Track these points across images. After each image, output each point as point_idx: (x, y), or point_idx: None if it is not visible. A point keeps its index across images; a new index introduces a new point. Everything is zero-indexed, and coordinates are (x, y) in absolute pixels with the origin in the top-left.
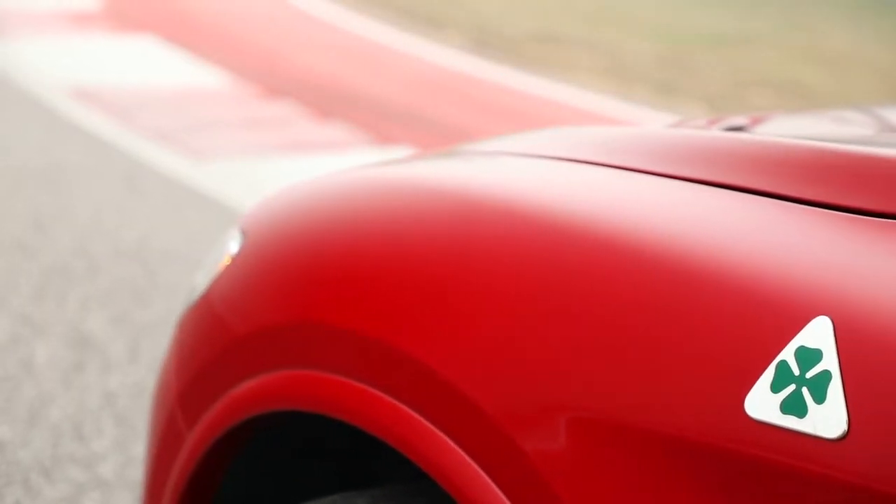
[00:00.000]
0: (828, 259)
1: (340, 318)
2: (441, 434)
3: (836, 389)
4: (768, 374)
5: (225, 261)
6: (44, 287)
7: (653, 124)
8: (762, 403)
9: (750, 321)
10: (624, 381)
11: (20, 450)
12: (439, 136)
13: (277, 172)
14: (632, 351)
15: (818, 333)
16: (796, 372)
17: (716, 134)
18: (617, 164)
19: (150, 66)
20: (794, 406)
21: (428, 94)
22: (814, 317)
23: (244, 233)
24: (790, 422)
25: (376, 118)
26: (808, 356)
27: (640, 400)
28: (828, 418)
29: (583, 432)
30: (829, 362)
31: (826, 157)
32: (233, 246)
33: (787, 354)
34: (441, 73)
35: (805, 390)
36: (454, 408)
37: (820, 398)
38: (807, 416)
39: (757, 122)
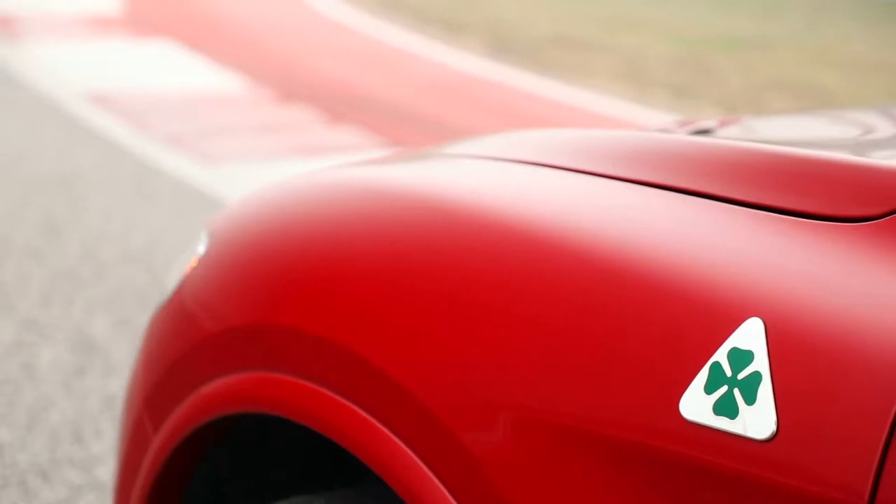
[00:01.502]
0: (763, 260)
1: (295, 319)
2: (393, 437)
3: (766, 391)
4: (702, 376)
5: (192, 262)
6: (51, 291)
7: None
8: (696, 405)
9: (686, 323)
10: (564, 382)
11: (18, 452)
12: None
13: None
14: (572, 352)
15: (750, 335)
16: (728, 373)
17: (664, 137)
18: (568, 166)
19: (167, 70)
20: (725, 407)
21: (443, 99)
22: (747, 318)
23: (210, 235)
24: (722, 423)
25: (390, 122)
26: (740, 358)
27: (580, 400)
28: (757, 419)
29: (525, 432)
30: (760, 364)
31: (762, 160)
32: (200, 248)
33: (721, 356)
34: (457, 77)
35: (736, 391)
36: (406, 411)
37: (750, 399)
38: (738, 418)
39: (725, 124)
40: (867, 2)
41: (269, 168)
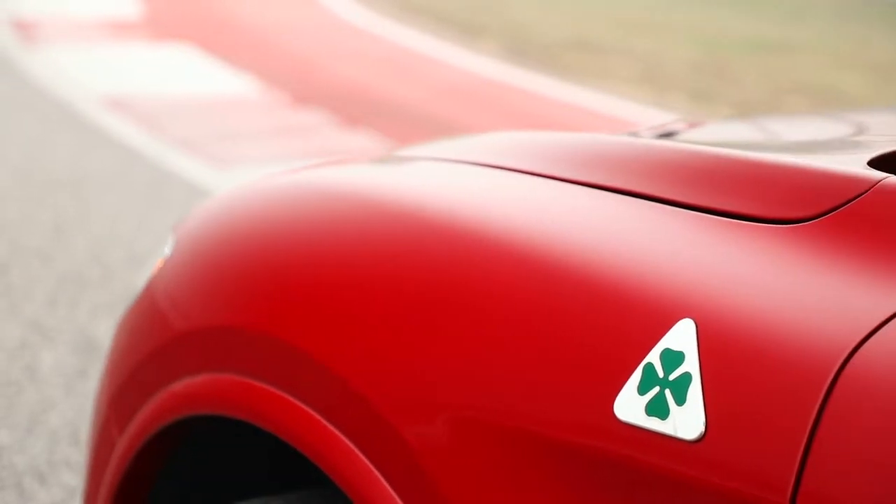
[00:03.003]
0: (699, 262)
1: (251, 321)
2: (344, 438)
3: (695, 391)
4: (636, 377)
5: (158, 264)
6: (57, 294)
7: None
8: (629, 405)
9: (622, 324)
10: (504, 381)
11: (17, 454)
12: None
13: None
14: (512, 351)
15: (682, 336)
16: (661, 374)
17: (616, 140)
18: (521, 168)
19: (183, 75)
20: (657, 408)
21: (459, 103)
22: (680, 319)
23: (176, 236)
24: (654, 423)
25: (404, 126)
26: (672, 358)
27: (519, 400)
28: (687, 420)
29: (467, 431)
30: (691, 364)
31: (703, 162)
32: (166, 249)
33: (654, 357)
34: (474, 81)
35: (668, 392)
36: (357, 412)
37: (681, 400)
38: (668, 418)
39: (694, 126)
40: (892, 5)
41: None
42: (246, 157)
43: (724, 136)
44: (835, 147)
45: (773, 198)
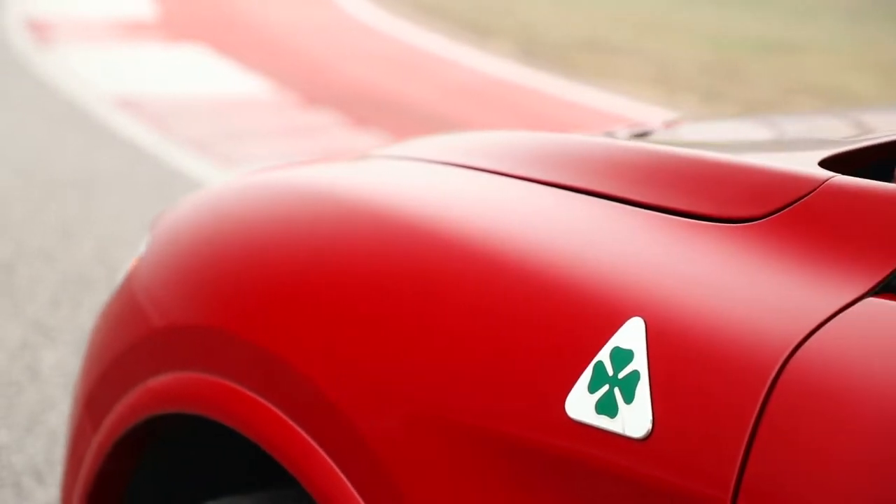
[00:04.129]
0: (650, 261)
1: (217, 320)
2: (309, 439)
3: (643, 390)
4: (587, 375)
5: (133, 262)
6: (60, 294)
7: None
8: (580, 404)
9: (575, 322)
10: (460, 381)
11: (15, 454)
12: None
13: None
14: (467, 350)
15: (631, 334)
16: (610, 372)
17: (579, 139)
18: (486, 167)
19: (195, 75)
20: (607, 406)
21: (470, 102)
22: (630, 318)
23: (151, 234)
24: (603, 422)
25: (414, 126)
26: (622, 357)
27: (474, 398)
28: (635, 418)
29: (424, 428)
30: (640, 363)
31: (660, 162)
32: (141, 247)
33: (604, 355)
34: (485, 81)
35: (617, 390)
36: (320, 411)
37: (629, 398)
38: (617, 416)
39: (670, 126)
40: None
41: None
42: (254, 157)
43: (694, 136)
44: (795, 147)
45: (725, 197)
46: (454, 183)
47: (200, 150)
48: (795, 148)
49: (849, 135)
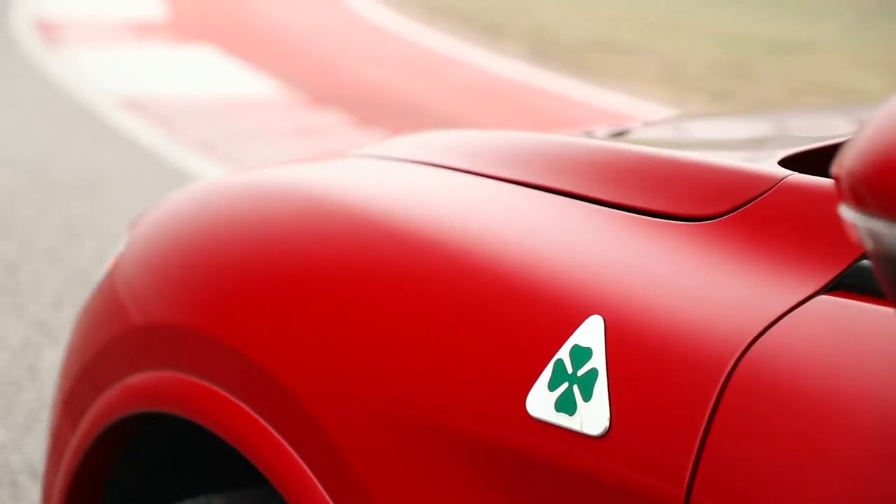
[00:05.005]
0: (612, 259)
1: (190, 320)
2: (281, 439)
3: (601, 387)
4: (547, 372)
5: (112, 262)
6: (63, 294)
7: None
8: (540, 402)
9: (537, 320)
10: (426, 379)
11: (13, 453)
12: None
13: None
14: (434, 349)
15: (591, 332)
16: (570, 370)
17: (551, 139)
18: (458, 167)
19: (203, 75)
20: (566, 404)
21: (479, 104)
22: (589, 316)
23: (129, 233)
24: (562, 419)
25: (420, 127)
26: (581, 355)
27: (440, 395)
28: (593, 416)
29: (390, 425)
30: (598, 360)
31: (625, 161)
32: (120, 247)
33: (564, 353)
34: (494, 82)
35: (576, 388)
36: (289, 410)
37: (587, 396)
38: (576, 414)
39: (650, 125)
40: None
41: None
42: (260, 157)
43: (669, 135)
44: (761, 145)
45: (685, 195)
46: (425, 183)
47: (206, 150)
48: (761, 146)
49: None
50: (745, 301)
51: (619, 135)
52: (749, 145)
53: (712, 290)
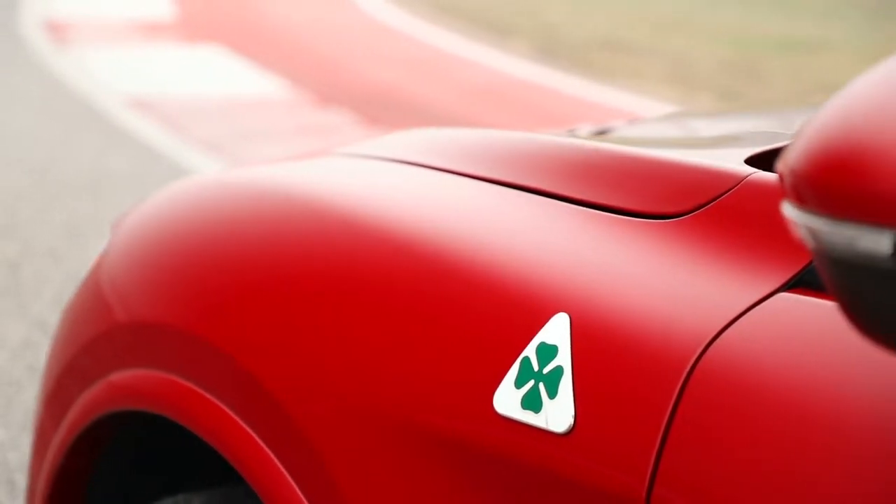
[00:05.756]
0: (579, 257)
1: (172, 318)
2: (257, 438)
3: (566, 385)
4: (514, 370)
5: (96, 260)
6: (64, 294)
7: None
8: (507, 399)
9: (504, 317)
10: (394, 376)
11: (10, 451)
12: None
13: None
14: (400, 346)
15: (557, 330)
16: (536, 368)
17: (525, 137)
18: (436, 165)
19: (210, 75)
20: (532, 401)
21: (485, 103)
22: (556, 313)
23: (112, 232)
24: (528, 417)
25: (426, 126)
26: (547, 352)
27: (409, 394)
28: (558, 413)
29: (361, 425)
30: (563, 358)
31: (597, 159)
32: (104, 245)
33: (531, 351)
34: (502, 81)
35: (542, 386)
36: (270, 413)
37: (553, 393)
38: (541, 411)
39: (633, 123)
40: None
41: None
42: (265, 156)
43: (650, 133)
44: (733, 143)
45: (653, 194)
46: (402, 182)
47: (212, 150)
48: (740, 144)
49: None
50: (707, 299)
51: (601, 133)
52: (728, 143)
53: (676, 287)
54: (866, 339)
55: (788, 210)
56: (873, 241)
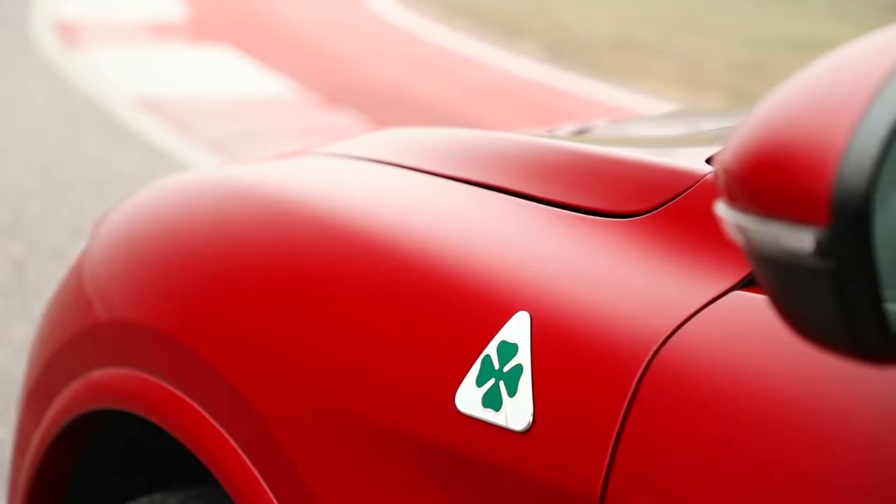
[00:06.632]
0: (542, 255)
1: (149, 317)
2: (228, 437)
3: (525, 383)
4: (475, 368)
5: (76, 258)
6: None
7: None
8: (468, 397)
9: (467, 316)
10: (359, 375)
11: (9, 450)
12: None
13: None
14: (365, 345)
15: (518, 328)
16: (496, 366)
17: (498, 136)
18: (409, 165)
19: (219, 76)
20: (492, 399)
21: (493, 103)
22: (517, 311)
23: (92, 231)
24: (488, 415)
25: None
26: (508, 350)
27: (374, 392)
28: (517, 411)
29: (328, 424)
30: (523, 356)
31: (562, 158)
32: (83, 244)
33: (492, 349)
34: (511, 82)
35: (502, 384)
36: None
37: (512, 391)
38: (501, 409)
39: (614, 123)
40: None
41: None
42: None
43: (627, 133)
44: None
45: (614, 192)
46: (373, 181)
47: (219, 150)
48: (706, 143)
49: None
50: (663, 297)
51: (579, 133)
52: (702, 141)
53: (634, 286)
54: (797, 336)
55: (721, 209)
56: (796, 239)
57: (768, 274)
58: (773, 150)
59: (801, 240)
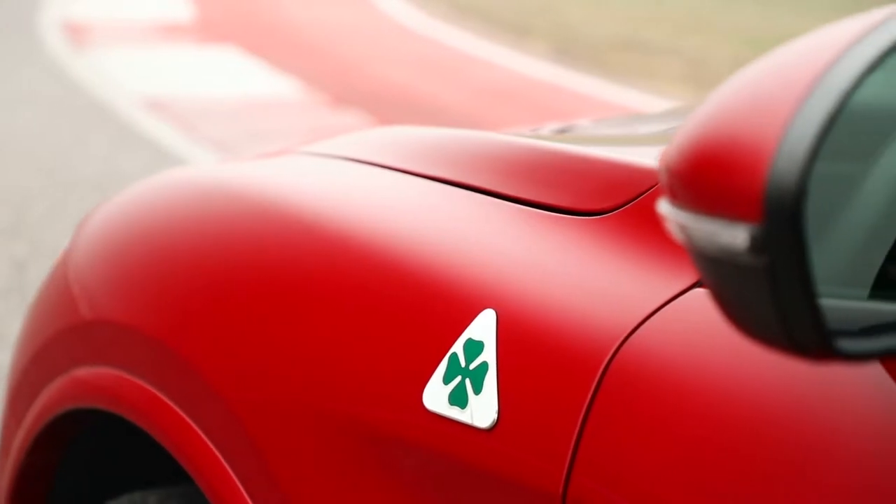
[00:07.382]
0: (509, 253)
1: (130, 317)
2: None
3: (491, 380)
4: (442, 366)
5: (60, 256)
6: None
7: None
8: (435, 395)
9: (434, 314)
10: (330, 373)
11: None
12: None
13: None
14: (337, 345)
15: (484, 326)
16: (463, 364)
17: (475, 135)
18: (387, 164)
19: (226, 76)
20: (458, 397)
21: (499, 103)
22: (484, 309)
23: (75, 230)
24: (455, 412)
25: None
26: (474, 348)
27: (344, 391)
28: (482, 408)
29: (302, 426)
30: (489, 354)
31: (533, 156)
32: (66, 243)
33: (458, 347)
34: (518, 82)
35: (468, 381)
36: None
37: (478, 389)
38: (467, 407)
39: (598, 122)
40: None
41: None
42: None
43: (607, 131)
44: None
45: (581, 190)
46: (349, 180)
47: (224, 150)
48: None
49: None
50: (626, 294)
51: (561, 131)
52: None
53: (598, 284)
54: (738, 333)
55: (664, 207)
56: (732, 236)
57: (708, 272)
58: (711, 148)
59: (736, 237)
